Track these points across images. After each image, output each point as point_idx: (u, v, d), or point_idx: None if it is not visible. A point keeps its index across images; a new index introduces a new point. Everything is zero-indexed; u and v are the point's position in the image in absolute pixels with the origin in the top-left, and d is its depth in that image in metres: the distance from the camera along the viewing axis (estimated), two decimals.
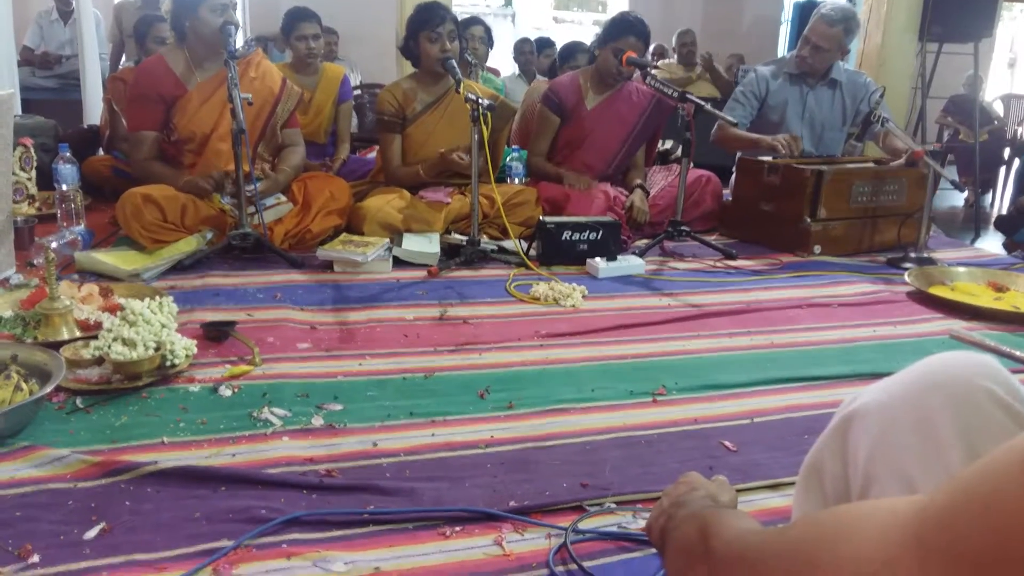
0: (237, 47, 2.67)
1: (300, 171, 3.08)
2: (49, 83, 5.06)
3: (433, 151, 3.05)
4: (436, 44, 2.99)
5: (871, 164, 3.31)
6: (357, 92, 4.87)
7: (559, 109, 3.35)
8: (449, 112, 3.14)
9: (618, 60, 3.19)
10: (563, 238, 2.76)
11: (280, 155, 3.07)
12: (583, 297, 2.39)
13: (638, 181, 3.35)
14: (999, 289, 2.60)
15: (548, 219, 2.82)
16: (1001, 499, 0.41)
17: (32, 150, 3.26)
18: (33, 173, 3.26)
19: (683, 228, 2.99)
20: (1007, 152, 5.53)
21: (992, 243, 3.72)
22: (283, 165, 3.03)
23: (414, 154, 3.14)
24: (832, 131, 3.52)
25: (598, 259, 2.70)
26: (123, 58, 4.83)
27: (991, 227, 4.18)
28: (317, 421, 1.51)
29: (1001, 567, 0.40)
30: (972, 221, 4.09)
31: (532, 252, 2.82)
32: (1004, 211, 4.53)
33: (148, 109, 2.85)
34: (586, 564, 1.10)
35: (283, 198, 2.94)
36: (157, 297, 1.85)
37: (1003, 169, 5.52)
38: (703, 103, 2.88)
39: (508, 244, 2.87)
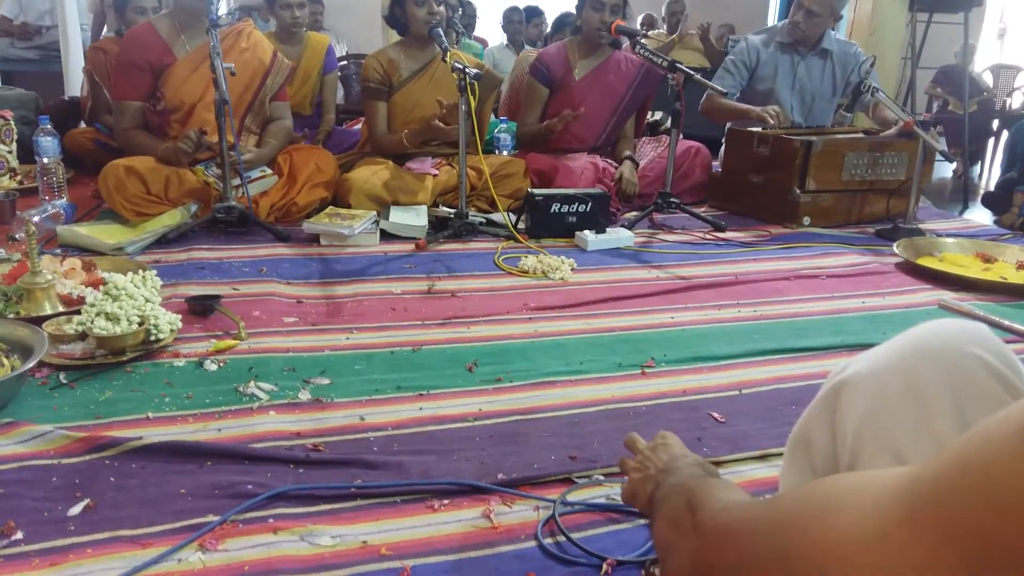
0: (220, 15, 2.63)
1: (286, 145, 3.04)
2: (29, 54, 4.96)
3: (419, 119, 3.01)
4: (423, 7, 2.94)
5: (861, 135, 3.30)
6: (343, 62, 4.80)
7: (547, 80, 3.32)
8: (435, 80, 3.11)
9: (599, 16, 3.14)
10: (552, 210, 2.74)
11: (267, 128, 3.03)
12: (572, 270, 2.38)
13: (627, 153, 3.33)
14: (987, 260, 2.60)
15: (537, 191, 2.80)
16: (998, 470, 0.40)
17: (12, 122, 3.21)
18: (14, 146, 3.21)
19: (672, 200, 2.98)
20: (996, 123, 5.52)
21: (980, 214, 3.72)
22: (268, 138, 2.98)
23: (400, 122, 3.11)
24: (822, 101, 3.50)
25: (587, 231, 2.68)
26: (104, 28, 4.73)
27: (980, 199, 4.18)
28: (304, 395, 1.50)
29: (996, 540, 0.39)
30: (961, 192, 4.08)
31: (521, 225, 2.80)
32: (992, 183, 4.54)
33: (134, 77, 2.80)
34: (574, 536, 1.10)
35: (268, 171, 2.91)
36: (140, 271, 1.83)
37: (992, 140, 5.51)
38: (693, 72, 2.85)
39: (496, 217, 2.85)
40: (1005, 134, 4.90)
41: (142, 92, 2.82)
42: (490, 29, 6.92)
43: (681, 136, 3.09)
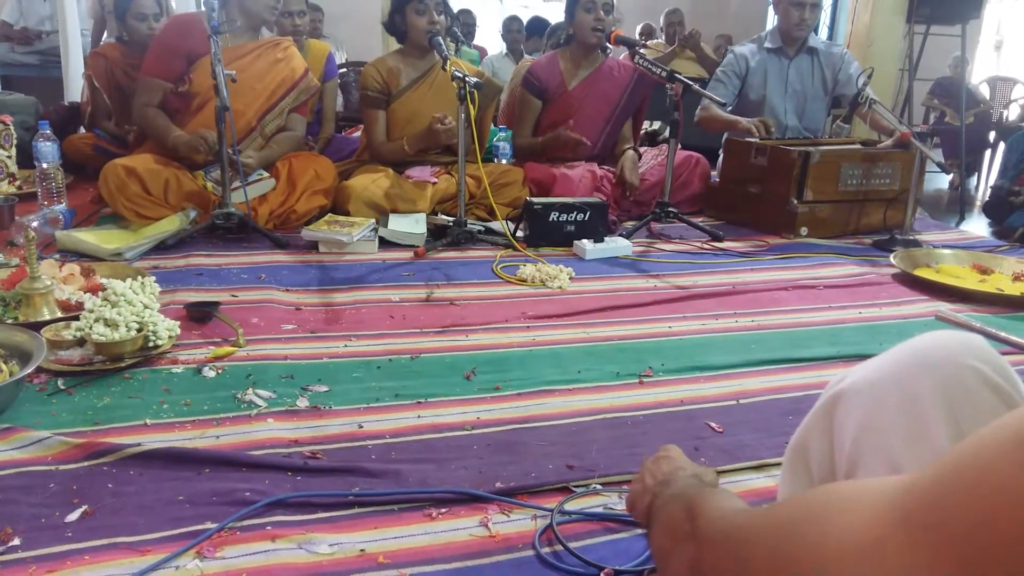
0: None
1: (288, 152, 3.05)
2: (29, 59, 4.97)
3: (418, 127, 3.02)
4: (423, 16, 2.95)
5: (858, 146, 3.32)
6: (342, 70, 4.82)
7: (540, 92, 3.33)
8: (435, 88, 3.12)
9: (592, 16, 3.16)
10: (550, 219, 2.75)
11: (275, 136, 3.04)
12: (570, 279, 2.38)
13: (628, 145, 3.33)
14: (984, 271, 2.61)
15: (535, 200, 2.81)
16: (992, 478, 0.40)
17: (12, 127, 3.21)
18: (13, 151, 3.21)
19: (670, 210, 2.98)
20: (992, 135, 5.55)
21: (977, 226, 3.74)
22: (272, 143, 3.00)
23: (399, 131, 3.12)
24: (814, 102, 3.54)
25: (585, 240, 2.69)
26: (104, 34, 4.74)
27: (976, 210, 4.19)
28: (302, 403, 1.50)
29: (990, 545, 0.39)
30: (957, 204, 4.10)
31: (519, 233, 2.80)
32: (989, 195, 4.55)
33: (169, 60, 2.86)
34: (572, 545, 1.10)
35: (265, 174, 2.91)
36: (139, 277, 1.83)
37: (988, 152, 5.54)
38: (692, 82, 2.86)
39: (495, 225, 2.85)
40: (1002, 146, 4.92)
41: (171, 75, 2.87)
42: (489, 38, 6.95)
43: (680, 146, 3.10)
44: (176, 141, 2.74)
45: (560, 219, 2.75)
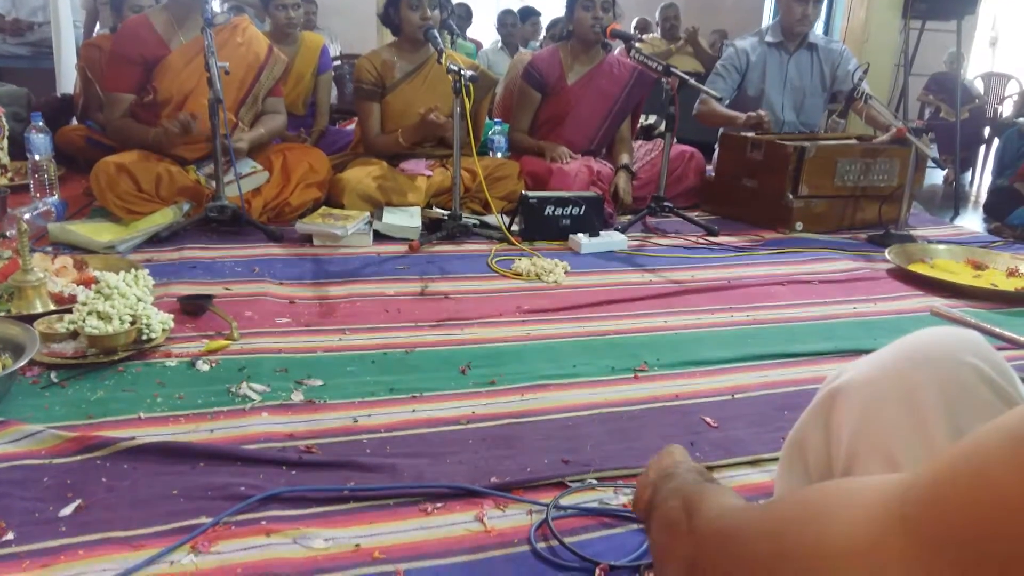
0: (216, 13, 2.63)
1: (276, 134, 3.03)
2: (21, 50, 4.94)
3: (412, 120, 3.01)
4: (417, 12, 2.94)
5: (854, 141, 3.32)
6: (337, 63, 4.79)
7: (540, 85, 3.32)
8: (429, 81, 3.10)
9: (590, 14, 3.15)
10: (546, 213, 2.74)
11: (260, 120, 3.02)
12: (565, 273, 2.38)
13: (624, 161, 3.31)
14: (978, 267, 2.62)
15: (531, 194, 2.80)
16: (988, 479, 0.40)
17: (3, 119, 3.19)
18: (5, 143, 3.19)
19: (666, 204, 2.98)
20: (987, 130, 5.55)
21: (972, 221, 3.75)
22: (260, 126, 2.97)
23: (393, 123, 3.11)
24: (813, 97, 3.53)
25: (580, 235, 2.69)
26: (97, 26, 4.71)
27: (971, 205, 4.20)
28: (296, 397, 1.50)
29: (986, 547, 0.39)
30: (952, 199, 4.10)
31: (514, 227, 2.80)
32: (982, 189, 4.56)
33: (126, 70, 2.80)
34: (567, 540, 1.10)
35: (258, 167, 2.89)
36: (132, 270, 1.82)
37: (983, 148, 5.54)
38: (687, 77, 2.86)
39: (490, 219, 2.85)
40: (996, 141, 4.93)
41: (132, 85, 2.81)
42: (484, 31, 6.93)
43: (675, 140, 3.09)
44: (156, 136, 2.70)
45: (556, 213, 2.75)
